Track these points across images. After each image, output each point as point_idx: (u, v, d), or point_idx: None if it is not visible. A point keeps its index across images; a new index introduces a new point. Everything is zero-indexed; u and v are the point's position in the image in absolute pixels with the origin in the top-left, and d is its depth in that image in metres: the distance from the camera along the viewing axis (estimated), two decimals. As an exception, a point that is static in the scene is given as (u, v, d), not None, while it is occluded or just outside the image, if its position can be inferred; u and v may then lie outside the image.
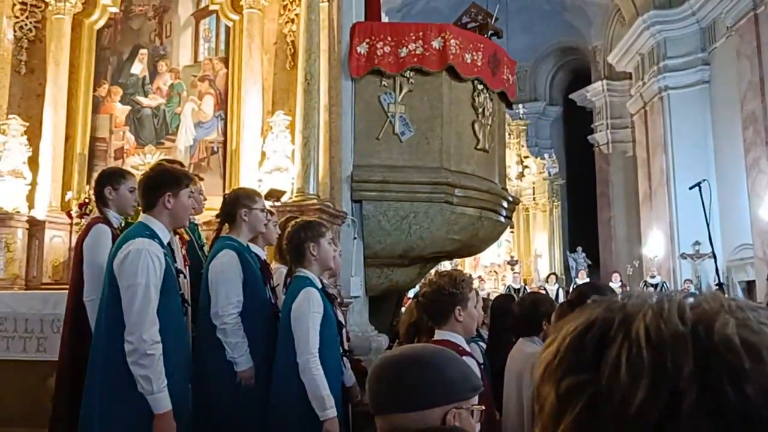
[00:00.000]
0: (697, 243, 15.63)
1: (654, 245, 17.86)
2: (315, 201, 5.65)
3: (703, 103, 16.97)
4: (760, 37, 13.75)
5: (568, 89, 24.16)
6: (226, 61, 6.77)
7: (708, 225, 5.47)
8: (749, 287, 15.08)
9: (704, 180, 5.50)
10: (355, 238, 6.02)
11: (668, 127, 17.43)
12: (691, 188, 5.64)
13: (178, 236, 3.54)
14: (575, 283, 16.36)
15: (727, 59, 15.56)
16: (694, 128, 16.93)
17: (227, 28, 6.84)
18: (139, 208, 3.26)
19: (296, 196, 5.77)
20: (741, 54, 14.59)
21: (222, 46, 6.85)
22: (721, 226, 15.28)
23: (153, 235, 2.90)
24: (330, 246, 3.48)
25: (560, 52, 24.38)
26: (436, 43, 6.16)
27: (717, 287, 5.61)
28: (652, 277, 15.76)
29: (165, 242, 2.96)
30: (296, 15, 6.47)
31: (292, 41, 6.55)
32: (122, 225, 3.62)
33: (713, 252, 6.04)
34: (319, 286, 3.38)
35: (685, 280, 15.47)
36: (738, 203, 14.66)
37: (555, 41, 23.71)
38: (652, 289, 14.95)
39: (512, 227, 19.13)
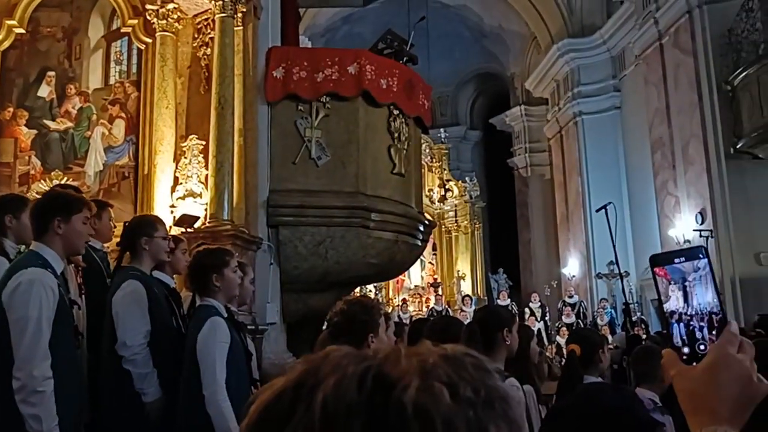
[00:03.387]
0: (611, 263, 16.16)
1: (571, 265, 18.38)
2: (229, 227, 5.56)
3: (615, 128, 17.71)
4: (665, 65, 14.44)
5: (488, 114, 24.73)
6: (138, 85, 6.61)
7: (614, 246, 5.67)
8: (660, 305, 15.62)
9: (610, 203, 5.69)
10: (271, 263, 5.96)
11: (583, 150, 18.09)
12: (597, 211, 5.84)
13: (73, 264, 3.40)
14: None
15: (636, 86, 16.30)
16: (607, 152, 17.62)
17: (140, 51, 6.69)
18: None
19: (209, 222, 5.67)
20: (648, 81, 15.29)
21: (134, 69, 6.69)
22: (634, 246, 15.88)
23: (46, 265, 2.76)
24: (235, 274, 3.41)
25: (480, 77, 24.96)
26: (351, 69, 6.19)
27: (624, 307, 5.82)
28: (570, 296, 16.16)
29: (58, 272, 2.82)
30: (210, 39, 6.39)
31: (207, 65, 6.46)
32: (17, 255, 3.45)
33: (620, 272, 6.27)
34: (225, 314, 3.31)
35: (600, 300, 15.92)
36: (649, 224, 15.25)
37: (475, 67, 24.28)
38: (569, 309, 15.34)
39: (435, 249, 19.34)
